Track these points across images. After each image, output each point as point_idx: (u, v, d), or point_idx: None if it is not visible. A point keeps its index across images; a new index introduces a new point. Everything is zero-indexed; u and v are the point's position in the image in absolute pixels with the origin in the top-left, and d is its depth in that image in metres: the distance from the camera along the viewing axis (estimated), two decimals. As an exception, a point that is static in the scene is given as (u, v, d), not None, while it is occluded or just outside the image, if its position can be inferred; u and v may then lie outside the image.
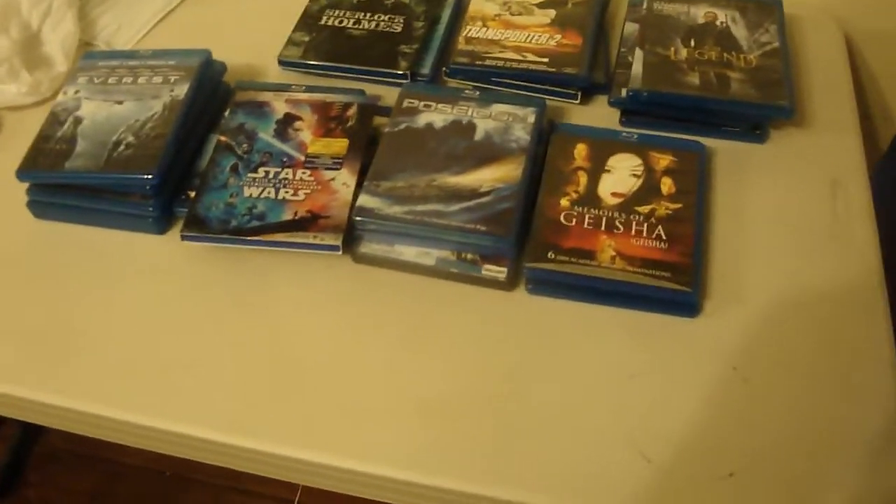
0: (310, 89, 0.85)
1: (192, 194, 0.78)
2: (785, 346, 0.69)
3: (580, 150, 0.79)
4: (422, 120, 0.81)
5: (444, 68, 0.89)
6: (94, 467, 1.48)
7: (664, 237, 0.72)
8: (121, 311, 0.75)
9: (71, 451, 1.51)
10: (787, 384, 0.67)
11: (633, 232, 0.73)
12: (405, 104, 0.82)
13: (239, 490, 1.44)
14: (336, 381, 0.69)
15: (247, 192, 0.77)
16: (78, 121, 0.82)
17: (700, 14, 0.89)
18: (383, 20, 0.93)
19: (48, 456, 1.51)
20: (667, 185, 0.76)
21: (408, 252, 0.75)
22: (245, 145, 0.80)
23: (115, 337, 0.73)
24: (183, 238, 0.76)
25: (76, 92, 0.85)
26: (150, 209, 0.79)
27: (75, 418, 0.71)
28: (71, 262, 0.79)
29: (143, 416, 0.69)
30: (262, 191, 0.77)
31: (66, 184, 0.80)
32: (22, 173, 0.79)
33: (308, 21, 0.94)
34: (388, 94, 0.86)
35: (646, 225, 0.73)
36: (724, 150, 0.83)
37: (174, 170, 0.80)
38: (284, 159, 0.79)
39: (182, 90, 0.83)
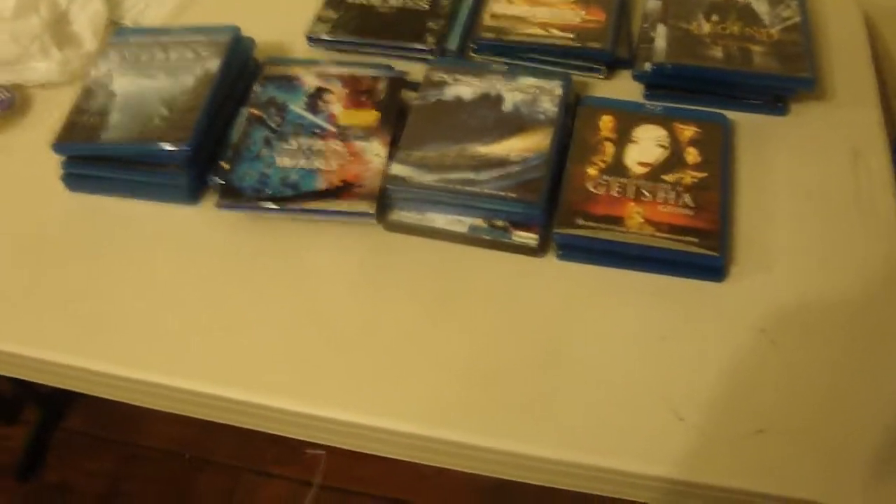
0: (339, 64, 0.87)
1: (226, 165, 0.79)
2: (811, 310, 0.70)
3: (606, 122, 0.81)
4: (450, 92, 0.82)
5: (470, 44, 0.91)
6: (113, 450, 1.50)
7: (691, 204, 0.74)
8: (156, 279, 0.77)
9: (90, 434, 1.52)
10: (814, 346, 0.68)
11: (660, 200, 0.74)
12: (434, 78, 0.84)
13: (257, 472, 1.45)
14: (370, 346, 0.70)
15: (280, 162, 0.78)
16: (111, 94, 0.84)
17: (722, -11, 0.91)
18: (410, -3, 0.95)
19: (68, 439, 1.52)
20: (692, 154, 0.78)
21: (439, 219, 0.76)
22: (276, 118, 0.82)
23: (151, 304, 0.75)
24: (219, 207, 0.77)
25: (108, 67, 0.86)
26: (185, 179, 0.80)
27: (110, 383, 0.72)
28: (106, 232, 0.81)
29: (178, 379, 0.70)
30: (296, 161, 0.78)
31: (100, 156, 0.82)
32: (58, 146, 0.81)
33: (335, -1, 0.96)
34: (415, 70, 0.88)
35: (672, 193, 0.75)
36: (747, 123, 0.84)
37: (207, 141, 0.81)
38: (316, 131, 0.80)
39: (213, 65, 0.84)
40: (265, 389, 0.69)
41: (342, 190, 0.76)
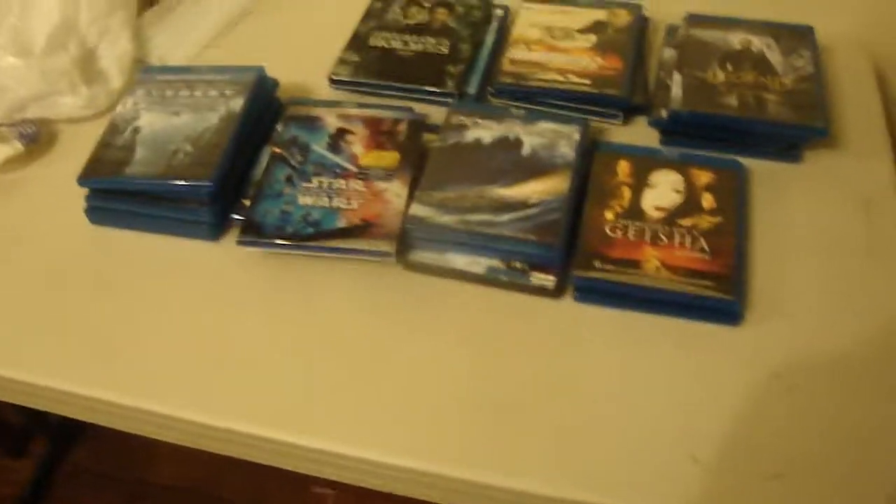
0: (360, 106, 0.88)
1: (247, 202, 0.81)
2: (826, 355, 0.71)
3: (623, 167, 0.82)
4: (470, 135, 0.84)
5: (489, 88, 0.93)
6: (119, 486, 1.49)
7: (706, 249, 0.75)
8: (174, 312, 0.77)
9: (97, 471, 1.52)
10: (831, 392, 0.68)
11: (676, 244, 0.75)
12: (453, 121, 0.85)
13: (265, 510, 1.44)
14: (385, 383, 0.71)
15: (301, 200, 0.80)
16: (137, 130, 0.85)
17: (736, 40, 0.92)
18: (430, 42, 0.97)
19: (74, 474, 1.52)
20: (707, 200, 0.79)
21: (458, 260, 0.77)
22: (299, 157, 0.83)
23: (168, 337, 0.75)
24: (239, 243, 0.78)
25: (135, 103, 0.88)
26: (206, 216, 0.82)
27: (125, 414, 0.73)
28: (127, 265, 0.82)
29: (192, 412, 0.71)
30: (317, 199, 0.79)
31: (124, 190, 0.83)
32: (83, 179, 0.82)
33: (357, 42, 0.98)
34: (435, 113, 0.89)
35: (689, 237, 0.76)
36: (761, 169, 0.85)
37: (230, 178, 0.82)
38: (337, 170, 0.82)
39: (237, 103, 0.86)
40: (278, 424, 0.69)
41: (362, 229, 0.77)
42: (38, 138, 0.93)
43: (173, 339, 0.75)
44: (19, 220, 0.87)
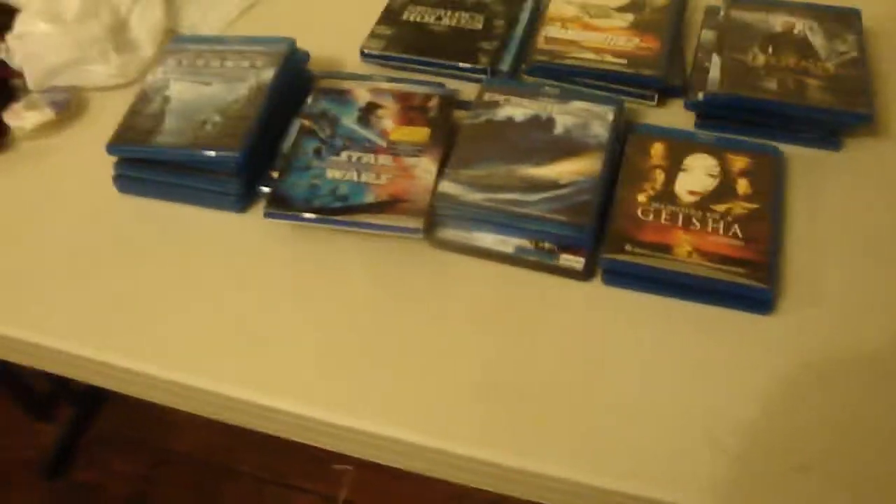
0: (391, 80, 0.87)
1: (275, 175, 0.80)
2: (859, 348, 0.69)
3: (657, 149, 0.80)
4: (502, 113, 0.82)
5: (523, 65, 0.91)
6: (142, 453, 1.51)
7: (740, 235, 0.73)
8: (200, 283, 0.77)
9: (121, 436, 1.54)
10: (861, 385, 0.67)
11: (709, 229, 0.74)
12: (486, 97, 0.84)
13: (283, 484, 1.45)
14: (408, 360, 0.70)
15: (330, 174, 0.79)
16: (167, 99, 0.85)
17: (778, 22, 0.90)
18: (464, 17, 0.95)
19: (98, 440, 1.54)
20: (742, 186, 0.77)
21: (486, 239, 0.76)
22: (328, 130, 0.82)
23: (193, 307, 0.76)
24: (266, 216, 0.78)
25: (165, 72, 0.88)
26: (234, 187, 0.81)
27: (148, 383, 0.73)
28: (153, 235, 0.82)
29: (215, 383, 0.71)
30: (345, 173, 0.79)
31: (152, 159, 0.83)
32: (112, 147, 0.82)
33: (390, 16, 0.97)
34: (466, 90, 0.88)
35: (722, 223, 0.74)
36: (799, 156, 0.83)
37: (258, 150, 0.82)
38: (367, 144, 0.81)
39: (268, 75, 0.85)
40: (298, 398, 0.69)
41: (390, 204, 0.76)
42: (68, 105, 0.93)
43: (197, 310, 0.75)
44: (48, 186, 0.88)
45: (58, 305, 0.77)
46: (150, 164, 0.83)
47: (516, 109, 0.83)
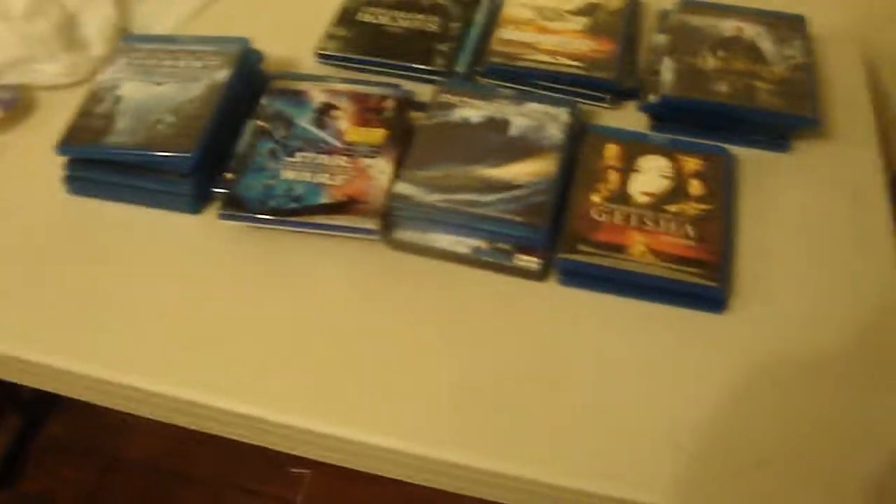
0: (347, 81, 0.87)
1: (229, 176, 0.79)
2: (810, 343, 0.71)
3: (611, 151, 0.81)
4: (458, 114, 0.83)
5: (478, 67, 0.92)
6: (94, 461, 1.48)
7: (693, 235, 0.74)
8: (153, 286, 0.76)
9: (71, 444, 1.50)
10: (813, 380, 0.68)
11: (662, 229, 0.75)
12: (441, 99, 0.84)
13: (239, 488, 1.43)
14: (367, 362, 0.70)
15: (284, 174, 0.78)
16: (118, 99, 0.83)
17: (728, 27, 0.92)
18: (419, 19, 0.95)
19: (48, 448, 1.50)
20: (695, 186, 0.78)
21: (442, 240, 0.76)
22: (283, 131, 0.82)
23: (147, 310, 0.74)
24: (221, 217, 0.77)
25: (116, 72, 0.86)
26: (188, 188, 0.80)
27: (102, 388, 0.72)
28: (105, 237, 0.80)
29: (170, 387, 0.69)
30: (300, 174, 0.78)
31: (104, 159, 0.81)
32: (62, 148, 0.81)
33: (346, 17, 0.97)
34: (422, 91, 0.88)
35: (675, 223, 0.75)
36: (749, 158, 0.85)
37: (212, 151, 0.81)
38: (322, 145, 0.81)
39: (222, 75, 0.84)
40: (257, 401, 0.68)
41: (346, 205, 0.76)
42: (15, 105, 0.91)
43: (151, 313, 0.74)
44: (-5, 187, 0.86)
45: (6, 309, 0.75)
46: (101, 164, 0.82)
47: (472, 111, 0.83)
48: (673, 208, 0.76)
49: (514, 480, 0.64)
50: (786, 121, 0.84)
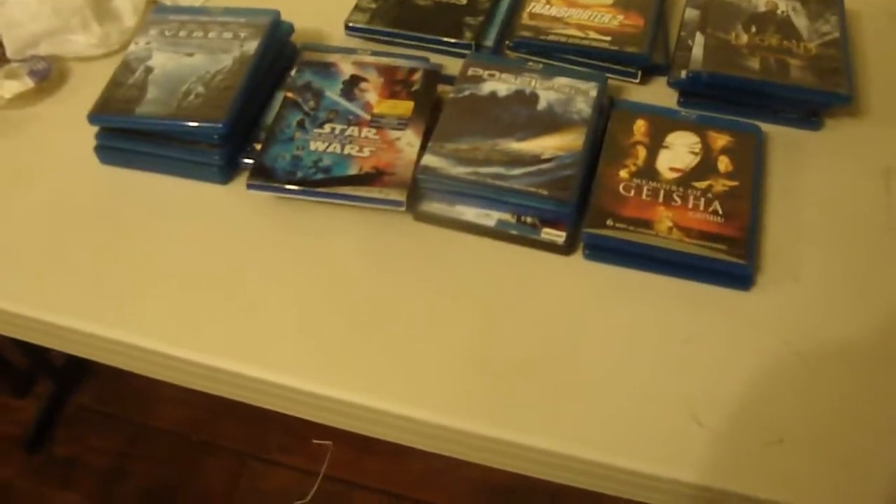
0: (375, 54, 0.87)
1: (258, 146, 0.80)
2: (836, 323, 0.70)
3: (639, 126, 0.81)
4: (486, 88, 0.82)
5: (507, 41, 0.91)
6: (122, 428, 1.50)
7: (720, 212, 0.74)
8: (181, 254, 0.77)
9: (100, 412, 1.53)
10: (837, 359, 0.68)
11: (690, 205, 0.74)
12: (470, 72, 0.84)
13: (263, 459, 1.45)
14: (389, 332, 0.71)
15: (313, 146, 0.79)
16: (149, 70, 0.84)
17: (761, 2, 0.90)
18: (449, -8, 0.95)
19: (77, 415, 1.53)
20: (724, 163, 0.78)
21: (468, 212, 0.76)
22: (312, 102, 0.82)
23: (176, 278, 0.75)
24: (249, 187, 0.77)
25: (147, 42, 0.87)
26: (217, 158, 0.81)
27: (130, 353, 0.73)
28: (135, 206, 0.81)
29: (196, 353, 0.71)
30: (328, 146, 0.79)
31: (135, 129, 0.82)
32: (94, 117, 0.82)
33: (375, -11, 0.97)
34: (451, 65, 0.88)
35: (703, 199, 0.75)
36: (780, 135, 0.84)
37: (241, 121, 0.81)
38: (350, 117, 0.81)
39: (251, 46, 0.85)
40: (281, 368, 0.69)
41: (373, 177, 0.76)
42: (48, 75, 0.92)
43: (179, 280, 0.75)
44: (28, 156, 0.87)
45: (39, 276, 0.76)
46: (132, 134, 0.83)
47: (500, 85, 0.83)
48: (701, 185, 0.76)
49: (534, 452, 0.64)
50: (818, 97, 0.83)
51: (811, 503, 0.60)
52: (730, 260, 0.71)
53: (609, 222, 0.73)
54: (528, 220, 0.75)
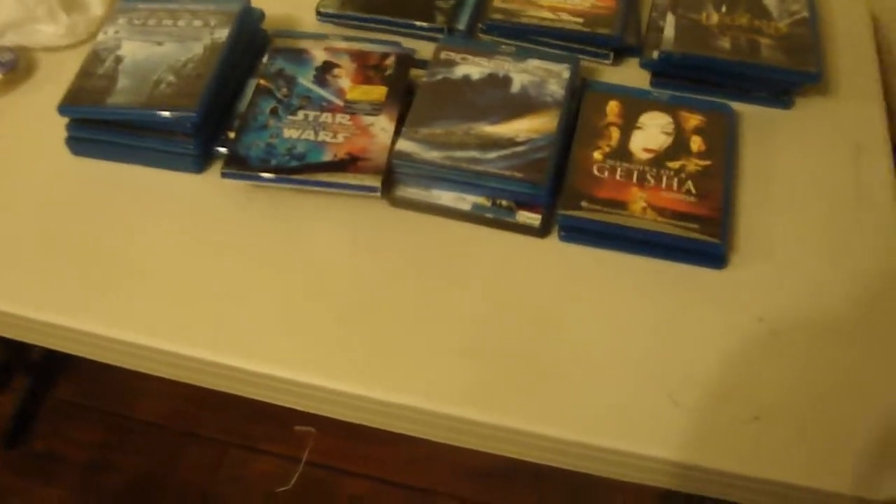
0: (347, 39, 0.87)
1: (232, 135, 0.80)
2: (810, 300, 0.71)
3: (612, 107, 0.81)
4: (459, 71, 0.82)
5: (479, 24, 0.91)
6: (101, 421, 1.49)
7: (693, 191, 0.74)
8: (157, 245, 0.77)
9: (79, 404, 1.52)
10: (812, 336, 0.69)
11: (663, 185, 0.75)
12: (442, 56, 0.84)
13: (245, 447, 1.45)
14: (369, 318, 0.71)
15: (286, 133, 0.78)
16: (119, 59, 0.83)
17: (731, -18, 0.91)
18: (420, -24, 0.95)
19: (56, 408, 1.52)
20: (696, 143, 0.78)
21: (444, 197, 0.76)
22: (284, 89, 0.82)
23: (152, 269, 0.75)
24: (224, 176, 0.77)
25: (116, 32, 0.86)
26: (190, 147, 0.80)
27: (108, 346, 0.72)
28: (108, 197, 0.81)
29: (175, 345, 0.70)
30: (302, 132, 0.78)
31: (106, 119, 0.81)
32: (64, 108, 0.81)
33: (345, -26, 0.96)
34: (423, 49, 0.88)
35: (676, 179, 0.75)
36: (751, 115, 0.85)
37: (214, 109, 0.81)
38: (323, 104, 0.80)
39: (222, 34, 0.84)
40: (261, 357, 0.69)
41: (348, 163, 0.76)
42: (16, 66, 0.91)
43: (156, 271, 0.75)
44: (-3, 148, 0.86)
45: (11, 269, 0.75)
46: (103, 125, 0.82)
47: (473, 68, 0.83)
48: (674, 165, 0.76)
49: (515, 434, 0.65)
50: (788, 76, 0.84)
51: (788, 477, 0.61)
52: (703, 239, 0.72)
53: (584, 204, 0.73)
54: (504, 203, 0.75)
